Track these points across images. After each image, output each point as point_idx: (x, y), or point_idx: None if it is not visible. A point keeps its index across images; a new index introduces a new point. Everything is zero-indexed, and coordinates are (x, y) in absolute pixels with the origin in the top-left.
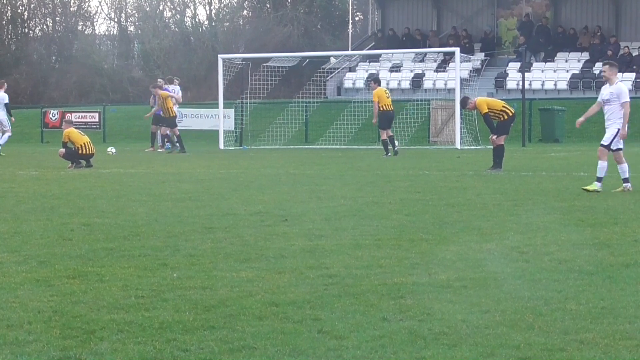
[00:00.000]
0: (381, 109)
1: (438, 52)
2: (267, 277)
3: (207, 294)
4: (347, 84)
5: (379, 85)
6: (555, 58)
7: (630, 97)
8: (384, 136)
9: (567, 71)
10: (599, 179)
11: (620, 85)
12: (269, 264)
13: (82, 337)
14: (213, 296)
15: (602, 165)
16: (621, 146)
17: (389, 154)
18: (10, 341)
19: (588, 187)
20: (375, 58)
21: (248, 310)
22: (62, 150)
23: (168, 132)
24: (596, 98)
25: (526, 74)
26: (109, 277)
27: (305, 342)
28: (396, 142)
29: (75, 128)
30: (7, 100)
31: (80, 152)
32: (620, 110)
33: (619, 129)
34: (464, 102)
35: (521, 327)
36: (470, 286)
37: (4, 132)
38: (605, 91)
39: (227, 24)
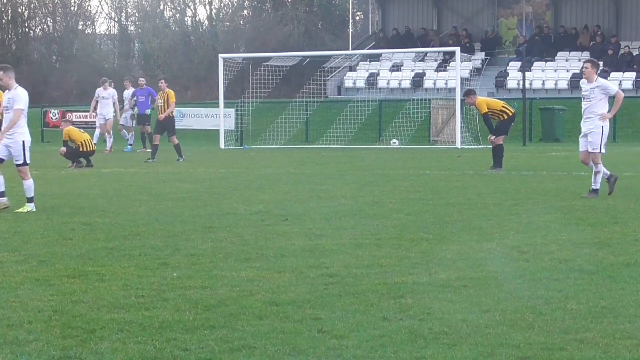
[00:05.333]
0: (172, 114)
1: (438, 52)
2: (267, 276)
3: (207, 293)
4: (348, 83)
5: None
6: (556, 57)
7: (631, 97)
8: (157, 141)
9: (568, 70)
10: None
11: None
12: (269, 264)
13: (83, 337)
14: (213, 296)
15: (28, 184)
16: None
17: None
18: (11, 340)
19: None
20: (375, 57)
21: (248, 310)
22: (63, 149)
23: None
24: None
25: (527, 74)
26: (109, 277)
27: (306, 341)
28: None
29: (75, 127)
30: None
31: (81, 149)
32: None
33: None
34: (469, 92)
35: (521, 326)
36: (471, 285)
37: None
38: (126, 94)
39: (228, 23)
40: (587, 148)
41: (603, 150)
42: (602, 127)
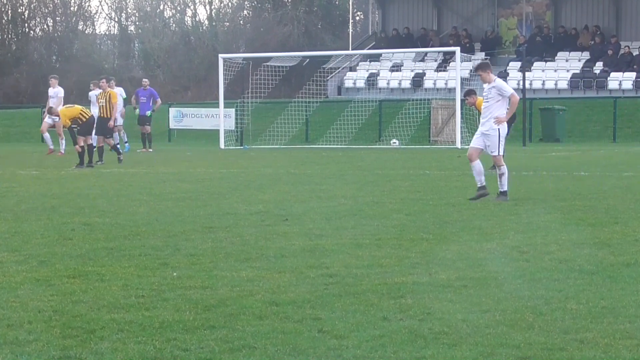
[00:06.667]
0: (108, 113)
1: (438, 52)
2: (267, 276)
3: (207, 293)
4: (348, 83)
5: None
6: (556, 57)
7: (631, 97)
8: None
9: (568, 70)
10: None
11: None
12: (270, 264)
13: (83, 337)
14: (213, 296)
15: None
16: None
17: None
18: (11, 341)
19: None
20: (375, 58)
21: (248, 310)
22: (77, 147)
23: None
24: (596, 97)
25: (527, 74)
26: (110, 277)
27: (306, 341)
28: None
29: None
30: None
31: (81, 121)
32: None
33: None
34: (469, 92)
35: (521, 326)
36: (471, 285)
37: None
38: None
39: (228, 23)
40: (480, 146)
41: (501, 152)
42: (499, 129)
